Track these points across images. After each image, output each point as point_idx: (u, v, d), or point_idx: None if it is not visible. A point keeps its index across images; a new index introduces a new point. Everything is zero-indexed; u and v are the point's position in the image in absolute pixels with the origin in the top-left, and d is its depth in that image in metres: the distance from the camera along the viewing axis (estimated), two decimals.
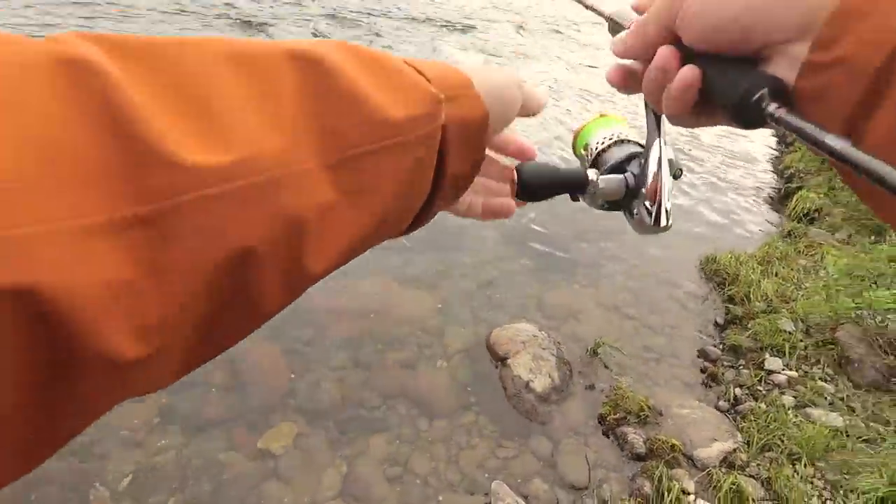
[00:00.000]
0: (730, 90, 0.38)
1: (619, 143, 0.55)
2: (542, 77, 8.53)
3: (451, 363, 2.80)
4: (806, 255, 4.07)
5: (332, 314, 2.96)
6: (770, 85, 0.36)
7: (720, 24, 0.37)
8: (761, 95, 0.35)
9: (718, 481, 2.27)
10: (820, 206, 4.85)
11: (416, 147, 0.36)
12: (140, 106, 0.25)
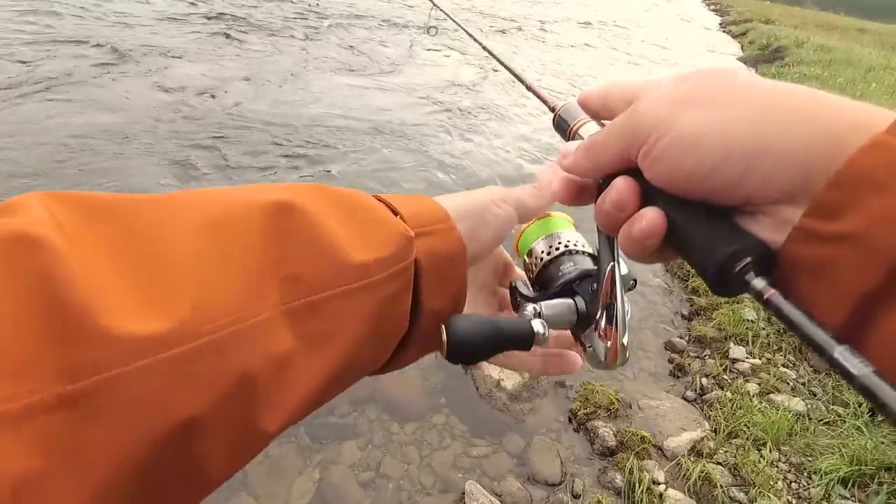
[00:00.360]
0: (704, 250, 0.32)
1: (569, 255, 0.49)
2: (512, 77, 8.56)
3: (421, 364, 2.78)
4: None
5: None
6: (756, 253, 0.30)
7: (697, 173, 0.31)
8: (746, 265, 0.30)
9: (688, 470, 2.31)
10: None
11: (384, 286, 0.35)
12: (79, 280, 0.24)
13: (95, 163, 4.16)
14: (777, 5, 31.38)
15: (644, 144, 0.33)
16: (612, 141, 0.36)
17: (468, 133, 5.99)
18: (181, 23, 8.06)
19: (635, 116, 0.34)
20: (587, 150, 0.38)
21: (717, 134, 0.30)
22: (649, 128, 0.33)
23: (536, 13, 17.00)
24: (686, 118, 0.32)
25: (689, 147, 0.31)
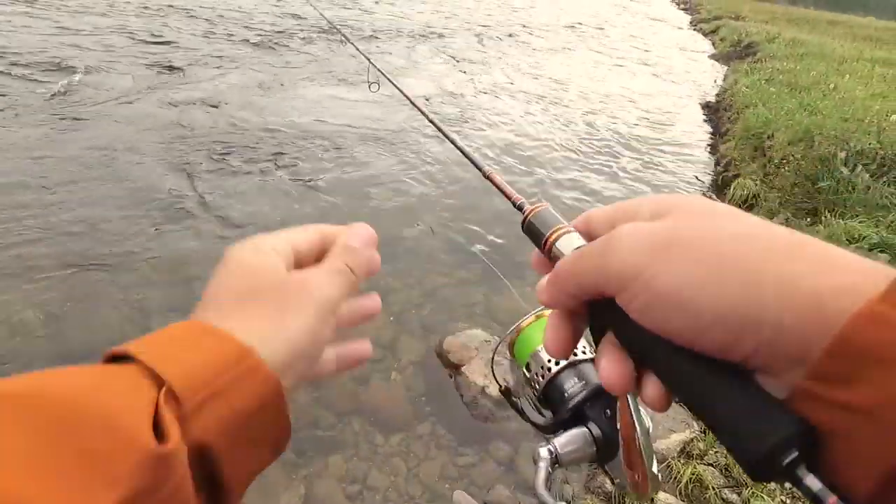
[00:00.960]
0: (735, 430, 0.28)
1: (573, 367, 0.46)
2: (497, 81, 8.63)
3: (405, 375, 2.76)
4: None
5: None
6: (804, 440, 0.26)
7: (686, 332, 0.29)
8: (794, 459, 0.26)
9: (679, 472, 2.30)
10: (757, 192, 5.01)
11: None
12: None
13: (116, 169, 4.17)
14: (747, 2, 31.90)
15: (623, 291, 0.31)
16: (583, 278, 0.33)
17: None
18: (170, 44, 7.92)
19: (609, 258, 0.32)
20: (558, 282, 0.35)
21: (702, 296, 0.28)
22: (626, 274, 0.31)
23: (515, 18, 17.10)
24: (669, 269, 0.29)
25: (673, 304, 0.29)
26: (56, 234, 3.34)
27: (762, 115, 6.43)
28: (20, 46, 6.37)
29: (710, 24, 23.42)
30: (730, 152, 6.22)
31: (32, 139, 4.45)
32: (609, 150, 6.46)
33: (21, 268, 3.04)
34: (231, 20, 9.34)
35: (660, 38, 19.40)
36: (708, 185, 5.90)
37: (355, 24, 10.99)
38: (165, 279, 3.13)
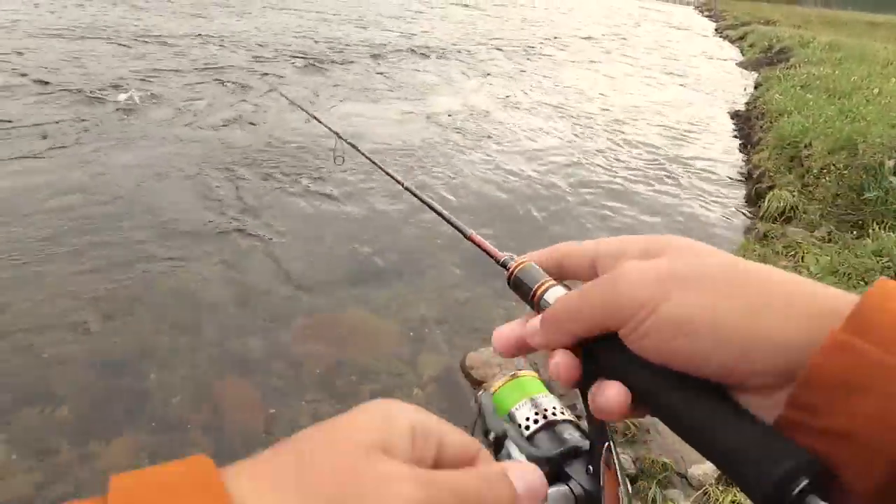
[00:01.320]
0: (742, 461, 0.29)
1: (550, 427, 0.47)
2: (521, 96, 8.62)
3: (427, 391, 2.74)
4: (786, 256, 4.04)
5: (303, 347, 2.91)
6: (813, 470, 0.27)
7: (684, 354, 0.31)
8: (804, 488, 0.27)
9: (717, 500, 2.20)
10: (795, 205, 4.81)
11: None
12: None
13: (167, 183, 4.32)
14: (777, 6, 31.32)
15: (627, 322, 0.32)
16: (589, 313, 0.34)
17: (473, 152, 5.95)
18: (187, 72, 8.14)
19: (618, 291, 0.33)
20: (558, 321, 0.36)
21: (707, 320, 0.30)
22: (635, 305, 0.32)
23: (539, 32, 17.10)
24: (675, 298, 0.31)
25: (678, 329, 0.31)
26: (101, 246, 3.44)
27: (798, 122, 6.22)
28: (90, 67, 6.69)
29: (737, 31, 23.04)
30: (763, 162, 6.02)
31: (94, 152, 4.62)
32: (635, 162, 6.37)
33: (69, 274, 3.14)
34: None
35: (684, 46, 19.16)
36: (740, 198, 5.74)
37: (386, 43, 11.22)
38: (209, 293, 3.20)
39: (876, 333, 0.26)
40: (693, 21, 31.27)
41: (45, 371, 2.57)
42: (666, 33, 23.50)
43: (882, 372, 0.26)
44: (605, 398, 0.33)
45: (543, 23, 20.43)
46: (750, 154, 6.87)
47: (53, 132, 4.96)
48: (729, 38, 22.55)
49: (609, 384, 0.34)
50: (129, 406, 2.44)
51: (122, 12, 11.09)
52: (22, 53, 7.15)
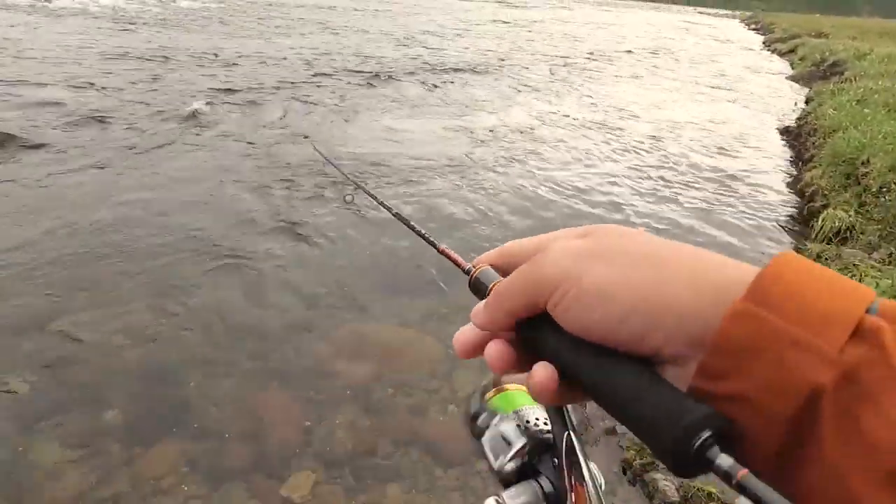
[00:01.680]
0: (650, 419, 0.30)
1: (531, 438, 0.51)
2: (565, 111, 8.60)
3: (462, 408, 2.71)
4: None
5: (339, 360, 2.95)
6: (716, 425, 0.28)
7: (605, 323, 0.33)
8: (707, 440, 0.28)
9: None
10: (851, 225, 4.57)
11: None
12: None
13: (216, 193, 4.46)
14: (828, 17, 30.25)
15: (552, 294, 0.34)
16: (521, 290, 0.37)
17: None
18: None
19: (543, 266, 0.36)
20: (496, 301, 0.38)
21: (620, 289, 0.32)
22: (558, 279, 0.34)
23: (583, 47, 17.07)
24: (592, 271, 0.34)
25: (596, 299, 0.33)
26: (143, 255, 3.59)
27: (855, 139, 5.94)
28: (152, 85, 7.09)
29: (786, 44, 22.38)
30: (816, 180, 5.77)
31: (151, 164, 4.84)
32: (681, 179, 6.25)
33: (111, 284, 3.28)
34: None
35: (731, 60, 18.73)
36: (790, 217, 5.53)
37: (430, 60, 11.42)
38: (251, 306, 3.29)
39: (772, 301, 0.28)
40: (740, 34, 30.58)
41: (95, 376, 2.67)
42: (712, 47, 23.06)
43: (776, 337, 0.27)
44: (535, 378, 0.35)
45: (586, 38, 20.36)
46: (801, 171, 6.62)
47: (116, 149, 5.24)
48: (778, 51, 21.93)
49: (538, 364, 0.35)
50: (172, 413, 2.51)
51: (175, 34, 11.68)
52: (88, 76, 7.61)
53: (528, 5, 43.88)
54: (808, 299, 0.28)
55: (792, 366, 0.26)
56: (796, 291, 0.28)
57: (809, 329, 0.27)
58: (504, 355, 0.37)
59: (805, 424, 0.26)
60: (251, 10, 18.43)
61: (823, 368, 0.26)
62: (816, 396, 0.26)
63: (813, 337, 0.27)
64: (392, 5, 27.18)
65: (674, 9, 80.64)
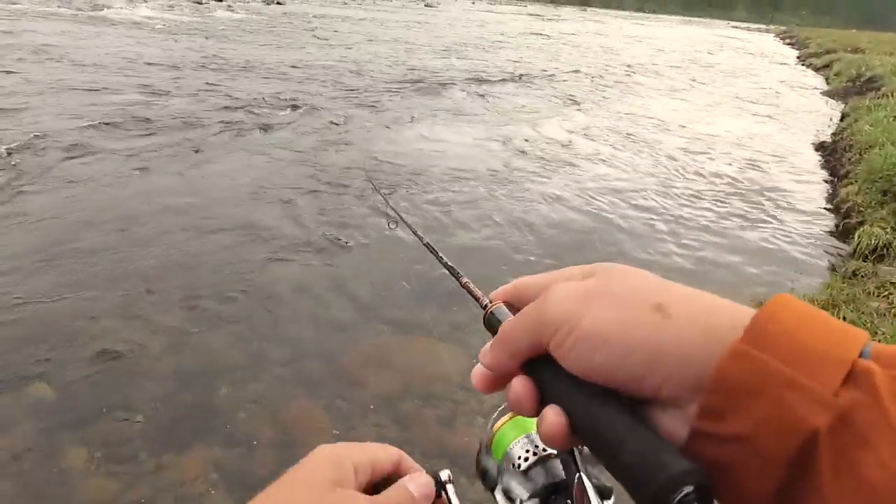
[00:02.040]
0: (637, 468, 0.30)
1: (543, 462, 0.50)
2: (601, 123, 8.60)
3: (490, 420, 2.70)
4: (878, 297, 3.75)
5: (367, 370, 2.96)
6: (697, 480, 0.28)
7: (606, 365, 0.33)
8: (687, 496, 0.28)
9: None
10: (889, 242, 4.47)
11: None
12: None
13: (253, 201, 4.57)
14: (864, 32, 29.69)
15: (555, 335, 0.35)
16: (524, 331, 0.37)
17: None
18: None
19: (545, 309, 0.36)
20: (501, 342, 0.39)
21: (619, 331, 0.33)
22: (559, 321, 0.35)
23: (616, 60, 17.06)
24: (593, 313, 0.34)
25: (594, 342, 0.33)
26: (182, 265, 3.67)
27: (892, 155, 5.83)
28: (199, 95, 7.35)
29: (821, 59, 21.98)
30: (852, 196, 5.67)
31: (190, 168, 4.97)
32: (715, 194, 6.18)
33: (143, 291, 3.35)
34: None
35: (765, 75, 18.49)
36: (826, 233, 5.41)
37: (471, 71, 11.60)
38: (280, 314, 3.33)
39: (768, 343, 0.29)
40: (774, 49, 30.13)
41: (124, 381, 2.69)
42: (746, 61, 22.79)
43: (773, 378, 0.28)
44: (546, 423, 0.35)
45: (620, 51, 20.32)
46: (837, 187, 6.49)
47: (158, 153, 5.41)
48: (813, 66, 21.56)
49: (548, 408, 0.35)
50: (201, 420, 2.52)
51: (224, 45, 12.02)
52: (140, 83, 7.87)
53: (561, 18, 44.13)
54: (804, 341, 0.28)
55: (789, 407, 0.27)
56: (792, 333, 0.29)
57: (805, 371, 0.27)
58: (530, 393, 0.37)
59: (803, 465, 0.27)
60: (296, 22, 18.92)
61: (819, 411, 0.26)
62: (813, 438, 0.26)
63: (808, 379, 0.27)
64: (430, 18, 27.64)
65: (707, 23, 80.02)
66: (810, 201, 6.26)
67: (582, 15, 67.45)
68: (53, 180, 4.70)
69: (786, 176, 7.14)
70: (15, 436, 2.36)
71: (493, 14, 38.55)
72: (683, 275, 4.01)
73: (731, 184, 6.57)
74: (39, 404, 2.52)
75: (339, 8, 31.95)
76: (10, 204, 4.23)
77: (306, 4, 33.47)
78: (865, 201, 5.42)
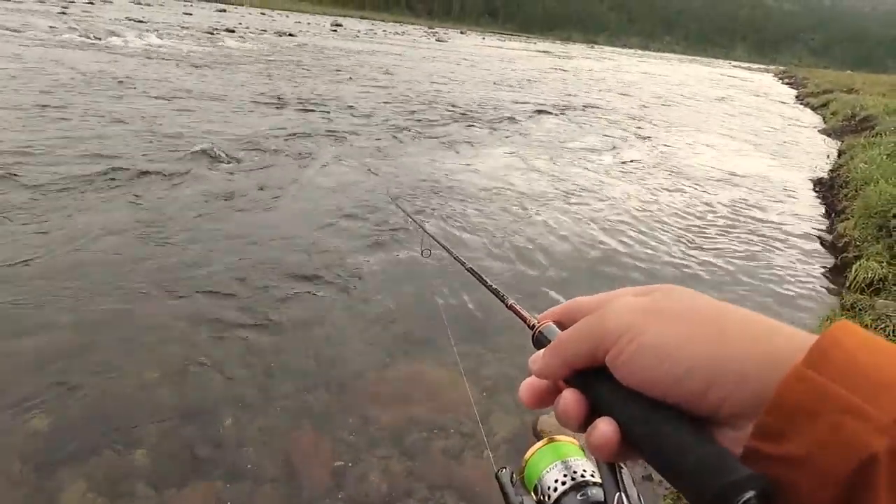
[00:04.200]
0: (694, 475, 0.31)
1: (577, 489, 0.48)
2: (603, 159, 8.74)
3: (497, 453, 2.69)
4: (875, 330, 3.80)
5: (374, 401, 2.94)
6: (759, 487, 0.29)
7: (665, 380, 0.34)
8: (748, 501, 0.29)
9: None
10: (884, 276, 4.55)
11: None
12: None
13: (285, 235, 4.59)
14: (859, 74, 30.24)
15: (613, 346, 0.36)
16: (581, 340, 0.38)
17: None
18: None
19: (605, 319, 0.37)
20: (555, 348, 0.39)
21: (682, 347, 0.34)
22: (619, 331, 0.36)
23: (635, 98, 17.38)
24: (654, 328, 0.35)
25: (656, 355, 0.34)
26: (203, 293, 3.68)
27: (886, 191, 5.95)
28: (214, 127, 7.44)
29: (818, 98, 22.40)
30: (849, 231, 5.77)
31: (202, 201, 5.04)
32: (714, 228, 6.24)
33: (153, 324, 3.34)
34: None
35: (765, 113, 18.81)
36: (824, 267, 5.47)
37: (498, 106, 11.81)
38: (284, 346, 3.31)
39: (830, 368, 0.29)
40: (774, 88, 30.57)
41: (125, 412, 2.61)
42: (747, 100, 23.16)
43: (831, 402, 0.28)
44: (597, 433, 0.35)
45: (636, 88, 20.66)
46: (834, 222, 6.58)
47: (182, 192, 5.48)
48: (810, 105, 21.94)
49: (600, 419, 0.35)
50: (203, 453, 2.46)
51: (253, 78, 12.26)
52: (156, 113, 8.02)
53: (570, 55, 44.95)
54: (865, 368, 0.29)
55: (847, 431, 0.27)
56: (854, 359, 0.29)
57: (865, 397, 0.28)
58: (579, 406, 0.37)
59: (859, 489, 0.27)
60: (317, 56, 19.36)
61: (877, 436, 0.27)
62: (871, 462, 0.26)
63: (867, 405, 0.27)
64: (443, 53, 28.22)
65: (709, 62, 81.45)
66: (809, 236, 6.33)
67: (590, 52, 68.65)
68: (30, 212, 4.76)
69: (785, 210, 7.24)
70: (10, 469, 2.28)
71: (503, 50, 39.24)
72: None
73: (730, 217, 6.65)
74: (36, 436, 2.46)
75: (351, 41, 32.67)
76: None
77: (318, 37, 34.28)
78: (862, 236, 5.51)
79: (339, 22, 71.10)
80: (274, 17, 62.98)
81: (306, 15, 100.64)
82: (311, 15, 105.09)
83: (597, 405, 0.37)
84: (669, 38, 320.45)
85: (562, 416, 0.38)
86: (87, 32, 18.19)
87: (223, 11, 60.99)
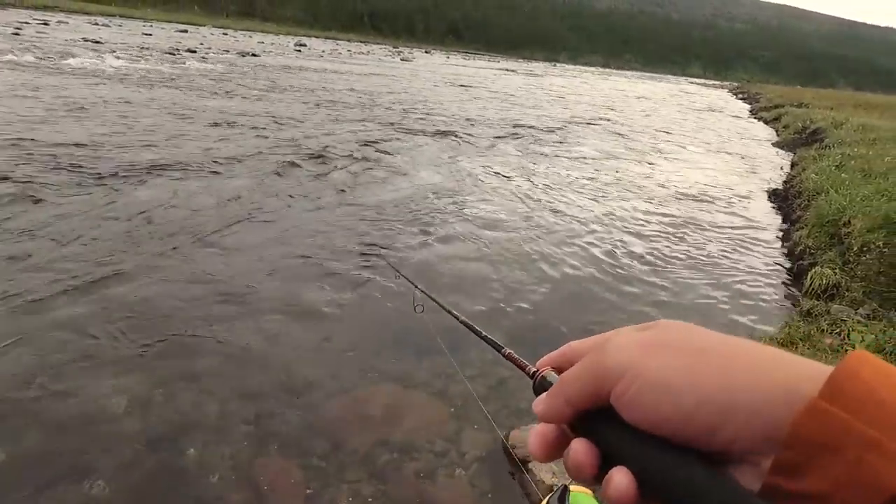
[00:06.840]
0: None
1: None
2: (570, 176, 8.87)
3: (470, 471, 2.66)
4: (830, 333, 3.94)
5: (343, 424, 2.89)
6: None
7: (675, 417, 0.32)
8: None
9: None
10: (837, 282, 4.75)
11: None
12: None
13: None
14: (808, 89, 31.61)
15: (616, 384, 0.34)
16: (583, 378, 0.37)
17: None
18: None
19: (606, 355, 0.36)
20: (558, 389, 0.38)
21: (688, 382, 0.32)
22: (622, 368, 0.35)
23: (597, 110, 17.74)
24: (658, 362, 0.34)
25: (662, 392, 0.33)
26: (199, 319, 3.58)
27: (836, 201, 6.24)
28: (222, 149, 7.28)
29: (770, 112, 23.34)
30: (804, 240, 6.01)
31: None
32: (675, 242, 6.39)
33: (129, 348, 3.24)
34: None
35: (721, 127, 19.51)
36: (782, 275, 5.66)
37: (504, 124, 11.80)
38: (249, 370, 3.23)
39: (848, 401, 0.28)
40: (729, 103, 31.69)
41: (83, 443, 2.53)
42: (703, 115, 23.96)
43: (852, 438, 0.27)
44: (613, 486, 0.33)
45: (600, 102, 21.03)
46: (790, 231, 6.84)
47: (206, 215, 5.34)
48: (764, 119, 22.85)
49: (615, 471, 0.33)
50: (168, 483, 2.38)
51: (248, 103, 12.10)
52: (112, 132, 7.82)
53: (534, 73, 45.59)
54: (884, 401, 0.28)
55: (870, 469, 0.26)
56: (872, 392, 0.28)
57: (885, 431, 0.27)
58: (591, 457, 0.35)
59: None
60: (280, 74, 19.23)
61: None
62: (894, 502, 0.26)
63: (890, 441, 0.26)
64: (407, 72, 28.43)
65: (667, 78, 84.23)
66: (766, 244, 6.56)
67: (553, 70, 69.96)
68: None
69: (742, 221, 7.49)
70: None
71: (469, 68, 39.76)
72: (648, 319, 4.06)
73: (689, 231, 6.84)
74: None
75: (316, 60, 32.58)
76: None
77: (282, 57, 34.09)
78: (815, 244, 5.74)
79: (303, 42, 71.04)
80: (237, 38, 62.53)
81: (270, 35, 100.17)
82: (274, 35, 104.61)
83: (608, 453, 0.35)
84: (629, 55, 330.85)
85: (573, 468, 0.36)
86: (44, 54, 17.71)
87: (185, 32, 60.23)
